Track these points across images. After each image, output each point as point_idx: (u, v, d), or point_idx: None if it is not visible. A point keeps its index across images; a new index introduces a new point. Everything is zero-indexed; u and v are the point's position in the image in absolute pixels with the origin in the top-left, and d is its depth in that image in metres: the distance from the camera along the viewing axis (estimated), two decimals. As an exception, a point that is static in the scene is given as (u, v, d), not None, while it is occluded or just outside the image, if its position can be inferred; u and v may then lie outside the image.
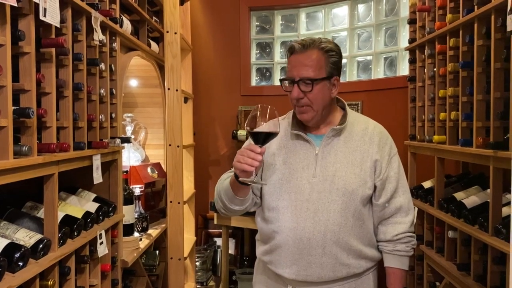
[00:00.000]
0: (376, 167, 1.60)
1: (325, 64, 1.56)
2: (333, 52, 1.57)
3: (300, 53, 1.55)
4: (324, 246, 1.56)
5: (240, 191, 1.57)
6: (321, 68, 1.55)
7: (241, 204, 1.61)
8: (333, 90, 1.59)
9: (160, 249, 2.96)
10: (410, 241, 1.64)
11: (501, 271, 1.77)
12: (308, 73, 1.53)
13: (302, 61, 1.55)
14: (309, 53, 1.55)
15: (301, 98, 1.55)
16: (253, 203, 1.68)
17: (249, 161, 1.43)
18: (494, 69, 1.77)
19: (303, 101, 1.56)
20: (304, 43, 1.56)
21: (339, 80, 1.60)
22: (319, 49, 1.55)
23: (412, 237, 1.65)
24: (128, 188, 2.40)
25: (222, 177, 1.70)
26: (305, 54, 1.55)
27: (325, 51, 1.55)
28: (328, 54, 1.56)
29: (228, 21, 4.00)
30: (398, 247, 1.62)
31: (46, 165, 1.48)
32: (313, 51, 1.55)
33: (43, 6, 1.39)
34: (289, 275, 1.59)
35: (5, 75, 1.25)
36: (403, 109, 3.10)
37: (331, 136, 1.61)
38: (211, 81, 4.04)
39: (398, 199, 1.62)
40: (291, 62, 1.58)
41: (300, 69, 1.54)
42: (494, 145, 1.72)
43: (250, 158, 1.43)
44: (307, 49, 1.55)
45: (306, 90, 1.54)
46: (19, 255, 1.32)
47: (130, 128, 2.96)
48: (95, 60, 1.84)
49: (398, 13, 3.46)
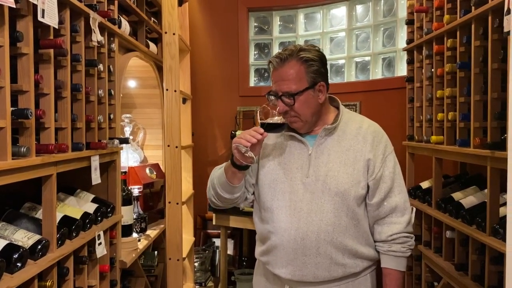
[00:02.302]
0: (369, 166, 1.59)
1: (306, 74, 1.55)
2: (312, 62, 1.56)
3: (279, 68, 1.56)
4: (318, 247, 1.56)
5: (233, 178, 1.58)
6: (302, 79, 1.55)
7: (232, 192, 1.62)
8: (320, 96, 1.59)
9: (159, 249, 2.96)
10: (406, 241, 1.62)
11: (498, 271, 1.78)
12: (289, 87, 1.54)
13: (281, 76, 1.56)
14: (287, 67, 1.55)
15: (287, 110, 1.56)
16: (244, 197, 1.69)
17: (248, 137, 1.47)
18: (491, 70, 1.77)
19: (290, 113, 1.57)
20: (281, 57, 1.55)
21: (325, 85, 1.59)
22: (297, 60, 1.55)
23: (409, 237, 1.63)
24: (127, 189, 2.40)
25: (218, 166, 1.71)
26: (283, 68, 1.56)
27: (303, 61, 1.55)
28: (307, 64, 1.55)
29: (227, 22, 4.00)
30: (393, 248, 1.61)
31: (45, 166, 1.48)
32: (291, 64, 1.55)
33: (41, 7, 1.39)
34: (285, 275, 1.60)
35: (4, 76, 1.25)
36: (401, 109, 3.11)
37: (324, 136, 1.61)
38: (209, 82, 4.05)
39: (393, 199, 1.61)
40: (272, 77, 1.60)
41: (280, 84, 1.56)
42: (491, 145, 1.73)
43: (250, 135, 1.48)
44: (285, 63, 1.55)
45: (290, 104, 1.55)
46: (17, 256, 1.32)
47: (128, 129, 2.96)
48: (94, 61, 1.84)
49: (396, 13, 3.47)
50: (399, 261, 1.63)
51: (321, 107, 1.61)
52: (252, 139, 1.47)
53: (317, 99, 1.59)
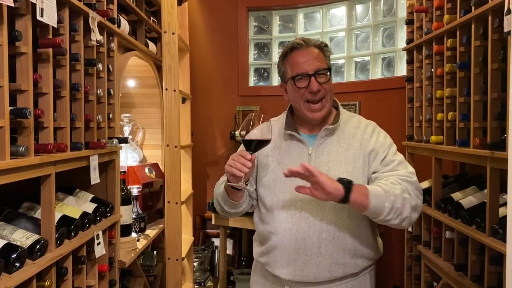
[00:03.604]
0: (370, 156, 1.59)
1: (325, 58, 1.63)
2: (326, 48, 1.64)
3: (304, 49, 1.60)
4: (319, 246, 1.56)
5: (234, 195, 1.60)
6: (324, 61, 1.61)
7: (237, 207, 1.65)
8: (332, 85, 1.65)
9: (158, 249, 2.95)
10: (408, 188, 1.50)
11: (498, 272, 1.78)
12: (322, 65, 1.59)
13: (310, 55, 1.59)
14: (312, 49, 1.61)
15: (319, 90, 1.58)
16: (250, 205, 1.71)
17: (238, 166, 1.46)
18: (491, 70, 1.77)
19: (320, 94, 1.58)
20: (304, 41, 1.62)
21: None
22: (315, 46, 1.62)
23: (414, 187, 1.52)
24: (126, 189, 2.39)
25: (219, 180, 1.72)
26: (308, 50, 1.61)
27: (321, 47, 1.62)
28: (324, 49, 1.63)
29: (226, 22, 4.00)
30: (389, 180, 1.51)
31: (43, 165, 1.47)
32: (313, 48, 1.61)
33: (40, 6, 1.38)
34: (286, 275, 1.60)
35: (2, 75, 1.25)
36: (401, 109, 3.11)
37: (324, 136, 1.62)
38: (209, 82, 4.04)
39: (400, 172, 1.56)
40: (296, 59, 1.60)
41: (311, 62, 1.58)
42: (491, 145, 1.73)
43: (240, 163, 1.46)
44: (309, 46, 1.61)
45: (323, 81, 1.57)
46: (16, 255, 1.32)
47: (127, 128, 2.95)
48: (93, 61, 1.83)
49: (396, 13, 3.47)
50: (380, 190, 1.46)
51: None
52: (244, 168, 1.45)
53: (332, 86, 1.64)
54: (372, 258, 1.66)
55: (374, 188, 1.46)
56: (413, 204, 1.49)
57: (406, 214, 1.48)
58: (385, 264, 3.38)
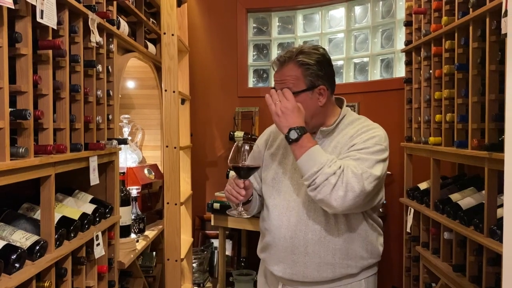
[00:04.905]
0: None
1: (303, 77, 1.57)
2: (308, 66, 1.57)
3: (278, 71, 1.63)
4: (306, 246, 1.58)
5: None
6: (299, 81, 1.57)
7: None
8: (321, 99, 1.60)
9: (157, 250, 2.96)
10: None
11: (496, 272, 1.78)
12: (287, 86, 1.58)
13: (280, 78, 1.61)
14: (285, 69, 1.60)
15: None
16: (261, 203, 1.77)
17: (234, 194, 1.59)
18: (489, 71, 1.78)
19: None
20: (281, 60, 1.61)
21: (326, 88, 1.59)
22: (295, 63, 1.58)
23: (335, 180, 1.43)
24: (125, 190, 2.40)
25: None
26: (281, 71, 1.61)
27: (300, 65, 1.57)
28: (304, 67, 1.57)
29: (225, 23, 4.01)
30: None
31: (43, 166, 1.48)
32: (289, 66, 1.59)
33: (40, 8, 1.39)
34: (278, 272, 1.65)
35: (2, 76, 1.25)
36: (399, 110, 3.12)
37: (320, 137, 1.64)
38: (208, 83, 4.05)
39: (349, 162, 1.48)
40: (274, 77, 1.66)
41: (279, 85, 1.60)
42: (489, 146, 1.73)
43: (235, 191, 1.60)
44: (283, 66, 1.61)
45: None
46: (15, 256, 1.32)
47: (127, 129, 2.96)
48: (92, 62, 1.84)
49: (395, 15, 3.47)
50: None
51: (322, 109, 1.62)
52: (239, 197, 1.59)
53: (317, 102, 1.60)
54: (368, 259, 1.64)
55: (316, 151, 1.47)
56: (333, 189, 1.43)
57: (322, 195, 1.44)
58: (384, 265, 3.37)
